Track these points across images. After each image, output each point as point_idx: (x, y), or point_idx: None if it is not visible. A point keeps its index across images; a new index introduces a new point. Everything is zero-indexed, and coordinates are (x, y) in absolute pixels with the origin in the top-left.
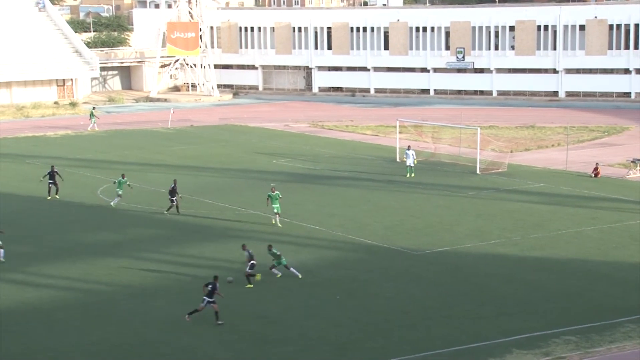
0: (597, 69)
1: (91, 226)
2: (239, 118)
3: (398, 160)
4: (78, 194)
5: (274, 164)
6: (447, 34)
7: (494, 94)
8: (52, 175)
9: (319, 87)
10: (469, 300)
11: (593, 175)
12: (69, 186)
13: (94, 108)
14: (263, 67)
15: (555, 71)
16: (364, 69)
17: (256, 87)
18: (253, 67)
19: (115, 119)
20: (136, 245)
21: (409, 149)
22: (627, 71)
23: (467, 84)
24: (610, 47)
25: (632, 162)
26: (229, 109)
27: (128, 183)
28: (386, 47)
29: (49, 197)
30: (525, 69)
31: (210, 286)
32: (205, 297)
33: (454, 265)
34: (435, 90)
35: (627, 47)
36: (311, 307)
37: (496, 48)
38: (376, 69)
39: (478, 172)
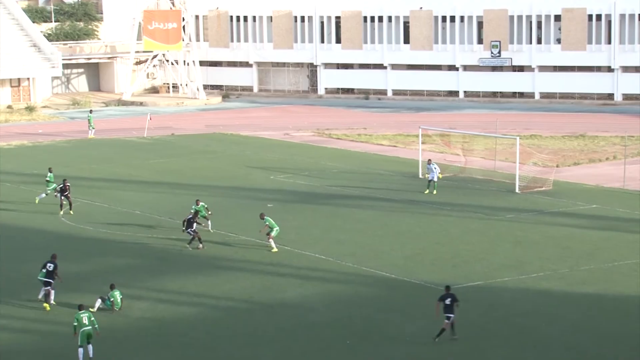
0: None
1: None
2: (230, 125)
3: (421, 176)
4: (36, 217)
5: (271, 180)
6: (480, 24)
7: (536, 96)
8: (63, 189)
9: (326, 89)
10: (506, 345)
11: None
12: (24, 207)
13: (90, 111)
14: (259, 64)
15: (610, 69)
16: (380, 66)
17: (250, 88)
18: (247, 65)
19: (80, 126)
20: (105, 278)
21: (430, 163)
22: None
23: (504, 85)
24: None
25: None
26: (217, 114)
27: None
28: (406, 41)
29: (61, 212)
30: (573, 67)
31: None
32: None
33: (487, 303)
34: (465, 92)
35: None
36: (315, 354)
37: (539, 41)
38: (394, 67)
39: (517, 190)
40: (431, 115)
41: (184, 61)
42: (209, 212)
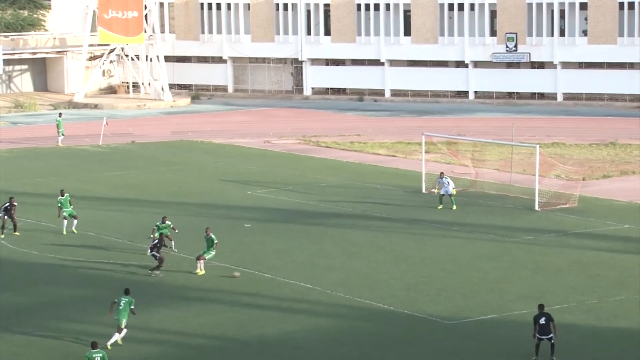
0: None
1: None
2: (200, 131)
3: (424, 190)
4: None
5: (249, 196)
6: (493, 13)
7: (559, 97)
8: (8, 208)
9: (313, 88)
10: None
11: None
12: None
13: (60, 115)
14: (234, 59)
15: None
16: (377, 62)
17: (224, 88)
18: (220, 60)
19: (24, 132)
20: (52, 312)
21: (442, 176)
22: None
23: (521, 84)
24: None
25: None
26: (185, 118)
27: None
28: (407, 33)
29: (2, 235)
30: (602, 63)
31: None
32: None
33: (503, 340)
34: (476, 92)
35: None
36: None
37: (562, 34)
38: (393, 63)
39: (537, 207)
40: (436, 119)
41: (147, 56)
42: (176, 231)
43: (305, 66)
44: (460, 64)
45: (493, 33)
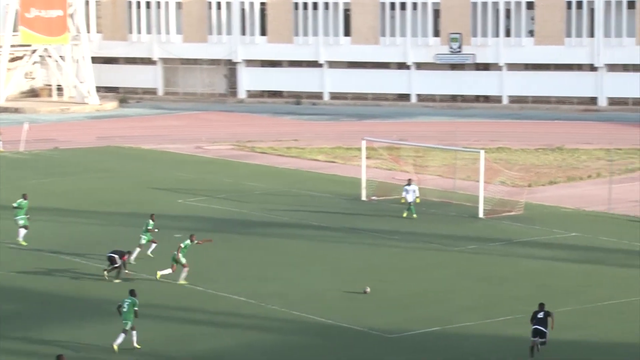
0: None
1: None
2: (129, 137)
3: (364, 198)
4: None
5: (179, 205)
6: (437, 13)
7: (505, 100)
8: None
9: (248, 91)
10: None
11: None
12: None
13: None
14: (164, 61)
15: (593, 68)
16: (315, 64)
17: (154, 91)
18: (150, 62)
19: None
20: None
21: (409, 183)
22: None
23: (466, 87)
24: None
25: None
26: (112, 123)
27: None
28: (347, 33)
29: None
30: (549, 65)
31: None
32: None
33: (446, 353)
34: (418, 95)
35: None
36: None
37: (507, 34)
38: (332, 65)
39: (481, 215)
40: (377, 123)
41: (72, 57)
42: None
43: (240, 68)
44: (402, 65)
45: (436, 33)
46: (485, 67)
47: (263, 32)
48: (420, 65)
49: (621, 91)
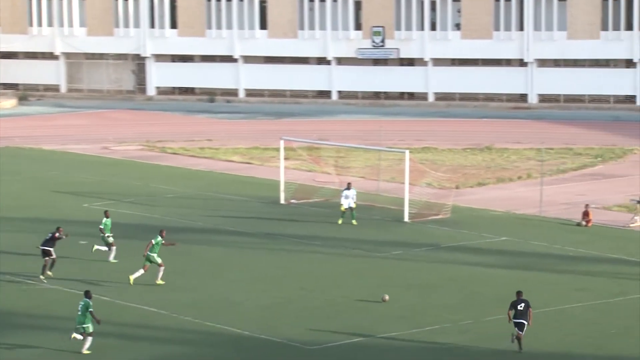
0: (585, 59)
1: None
2: (29, 137)
3: (283, 201)
4: None
5: (84, 209)
6: (358, 5)
7: (430, 98)
8: None
9: (158, 88)
10: None
11: (583, 224)
12: None
13: None
14: (67, 55)
15: (523, 63)
16: (229, 59)
17: (57, 88)
18: (51, 56)
19: None
20: None
21: (349, 187)
22: (630, 63)
23: (389, 83)
24: (605, 27)
25: (638, 202)
26: (12, 122)
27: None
28: (263, 26)
29: None
30: (477, 60)
31: None
32: None
33: None
34: (339, 92)
35: (629, 26)
36: None
37: (433, 28)
38: (248, 60)
39: (407, 219)
40: (296, 122)
41: None
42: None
43: (149, 63)
44: (322, 60)
45: (358, 27)
46: (410, 62)
47: (173, 25)
48: (341, 61)
49: (552, 88)
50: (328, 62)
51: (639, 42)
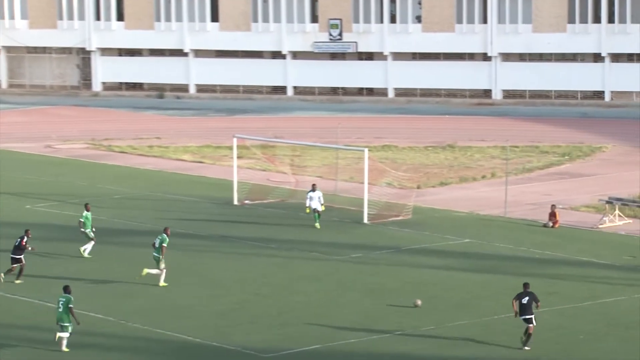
0: (551, 54)
1: None
2: None
3: (237, 202)
4: None
5: (27, 210)
6: None
7: (390, 93)
8: None
9: (104, 83)
10: None
11: (550, 225)
12: None
13: None
14: (8, 49)
15: (486, 57)
16: (179, 53)
17: None
18: None
19: None
20: None
21: (314, 189)
22: (597, 57)
23: (347, 78)
24: (572, 20)
25: (607, 202)
26: None
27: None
28: (215, 18)
29: None
30: (439, 54)
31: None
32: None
33: None
34: (295, 87)
35: (597, 19)
36: None
37: (392, 20)
38: (199, 54)
39: (366, 220)
40: (249, 119)
41: None
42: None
43: (94, 57)
44: (276, 54)
45: (314, 19)
46: (369, 56)
47: (120, 17)
48: (296, 55)
49: (517, 83)
50: (283, 56)
51: (606, 35)
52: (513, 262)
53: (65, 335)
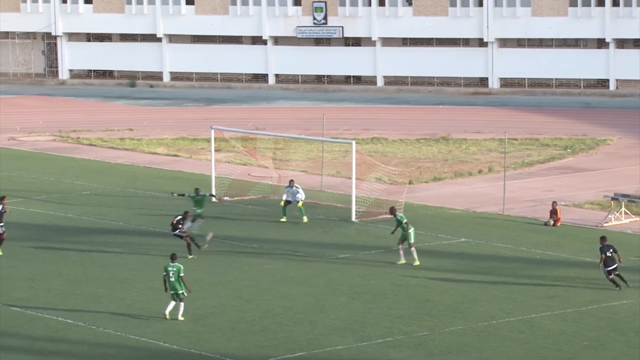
0: (551, 39)
1: None
2: None
3: (215, 199)
4: None
5: None
6: None
7: (379, 82)
8: None
9: (71, 71)
10: None
11: (551, 223)
12: None
13: None
14: None
15: (482, 43)
16: (152, 38)
17: None
18: None
19: None
20: None
21: (291, 185)
22: (601, 43)
23: (333, 65)
24: (574, 3)
25: (612, 199)
26: None
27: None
28: (190, 1)
29: None
30: (431, 40)
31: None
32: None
33: None
34: (277, 75)
35: (601, 2)
36: None
37: (381, 3)
38: (173, 39)
39: (354, 218)
40: (228, 109)
41: None
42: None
43: (61, 43)
44: (257, 40)
45: (297, 2)
46: (356, 42)
47: (88, 0)
48: (278, 40)
49: (515, 71)
50: (264, 42)
51: (611, 19)
52: (512, 264)
53: (182, 303)
